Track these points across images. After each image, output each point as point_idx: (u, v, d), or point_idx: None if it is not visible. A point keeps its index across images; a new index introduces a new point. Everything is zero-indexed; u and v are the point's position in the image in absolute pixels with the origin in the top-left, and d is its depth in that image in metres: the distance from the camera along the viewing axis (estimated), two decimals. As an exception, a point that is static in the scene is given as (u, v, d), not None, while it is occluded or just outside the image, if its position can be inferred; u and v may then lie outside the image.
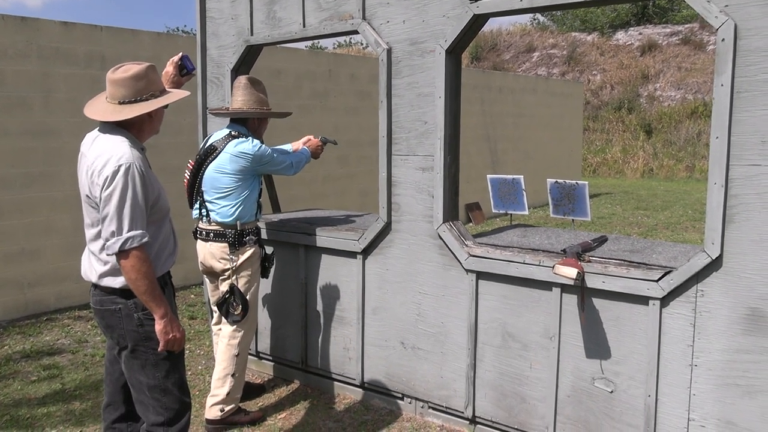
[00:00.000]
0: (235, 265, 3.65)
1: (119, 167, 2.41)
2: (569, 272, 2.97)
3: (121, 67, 2.54)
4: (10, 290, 5.78)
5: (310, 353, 4.25)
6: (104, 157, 2.44)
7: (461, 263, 3.48)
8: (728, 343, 2.74)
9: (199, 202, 3.71)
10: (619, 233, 9.87)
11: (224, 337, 3.76)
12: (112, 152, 2.44)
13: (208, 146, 3.70)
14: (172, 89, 2.77)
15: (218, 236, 3.65)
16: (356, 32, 3.79)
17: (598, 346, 3.10)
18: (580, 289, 3.05)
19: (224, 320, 3.77)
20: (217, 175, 3.62)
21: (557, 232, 3.84)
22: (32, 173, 5.86)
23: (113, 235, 2.40)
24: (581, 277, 2.99)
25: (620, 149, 20.91)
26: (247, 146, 3.60)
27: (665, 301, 2.87)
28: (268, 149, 3.68)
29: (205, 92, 4.54)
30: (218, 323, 3.99)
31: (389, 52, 3.63)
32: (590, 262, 3.10)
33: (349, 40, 30.71)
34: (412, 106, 3.58)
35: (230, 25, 4.34)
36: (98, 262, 2.55)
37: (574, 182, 8.12)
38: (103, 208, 2.43)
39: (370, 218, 4.42)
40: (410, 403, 3.85)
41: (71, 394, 4.24)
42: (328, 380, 4.21)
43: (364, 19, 3.71)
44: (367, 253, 3.87)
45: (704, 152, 19.19)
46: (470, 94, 11.21)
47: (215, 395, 3.69)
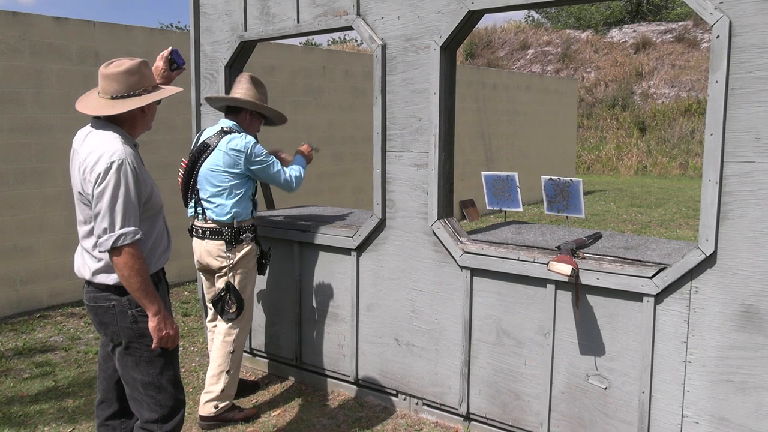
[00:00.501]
0: (231, 262, 3.64)
1: (111, 164, 2.39)
2: (564, 269, 2.98)
3: (113, 62, 2.53)
4: (2, 287, 5.74)
5: (304, 350, 4.24)
6: (96, 153, 2.42)
7: (456, 260, 3.47)
8: (722, 339, 2.75)
9: (194, 200, 3.69)
10: (613, 230, 9.88)
11: (219, 334, 3.75)
12: (104, 148, 2.42)
13: (201, 144, 3.68)
14: (163, 85, 2.76)
15: (215, 234, 3.63)
16: (351, 28, 3.78)
17: (592, 342, 3.10)
18: (574, 285, 3.06)
19: (219, 317, 3.77)
20: (211, 172, 3.60)
21: (551, 228, 3.84)
22: (24, 169, 5.83)
23: (105, 232, 2.39)
24: (576, 273, 2.99)
25: (614, 146, 20.97)
26: (239, 142, 3.58)
27: (659, 297, 2.88)
28: (263, 150, 3.66)
29: (198, 88, 4.52)
30: (213, 320, 3.98)
31: (384, 48, 3.62)
32: (585, 258, 3.11)
33: (343, 36, 30.70)
34: (406, 102, 3.58)
35: (224, 20, 4.32)
36: (91, 259, 2.54)
37: (568, 179, 8.14)
38: (95, 204, 2.41)
39: (364, 215, 4.41)
40: (405, 399, 3.85)
41: (64, 391, 4.23)
42: (322, 377, 4.21)
43: (358, 14, 3.70)
44: (361, 249, 3.86)
45: (698, 150, 19.27)
46: (465, 91, 11.21)
47: (209, 392, 3.69)
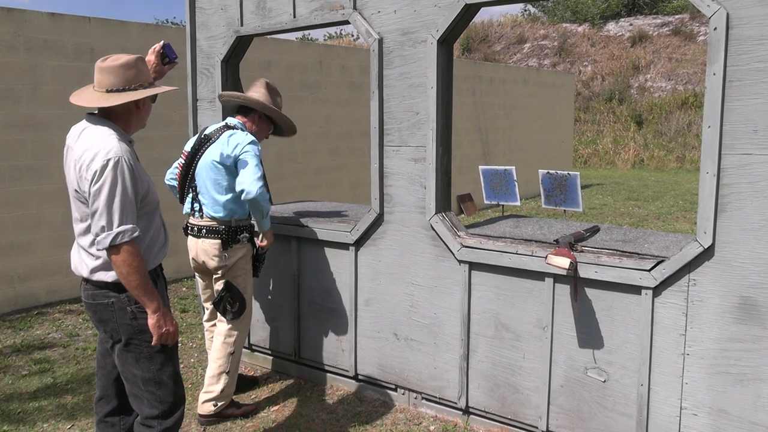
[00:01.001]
0: (228, 263, 3.58)
1: (108, 161, 2.38)
2: (562, 262, 2.98)
3: (110, 56, 2.53)
4: (0, 284, 5.74)
5: (303, 345, 4.24)
6: (92, 151, 2.41)
7: (454, 254, 3.47)
8: (720, 331, 2.75)
9: (191, 195, 3.62)
10: (610, 223, 9.90)
11: (219, 335, 3.70)
12: (100, 146, 2.41)
13: (203, 137, 3.61)
14: (155, 78, 2.77)
15: (211, 232, 3.54)
16: (347, 22, 3.76)
17: (590, 335, 3.11)
18: (572, 279, 3.06)
19: (219, 317, 3.73)
20: (211, 166, 3.51)
21: (549, 222, 3.85)
22: (20, 166, 5.81)
23: (103, 230, 2.38)
24: (574, 267, 3.00)
25: (611, 140, 20.97)
26: (239, 137, 3.49)
27: (657, 290, 2.88)
28: (258, 151, 3.49)
29: (195, 84, 4.50)
30: (210, 320, 3.95)
31: (380, 42, 3.61)
32: (583, 252, 3.11)
33: (339, 31, 30.61)
34: (403, 96, 3.57)
35: (220, 15, 4.30)
36: (89, 256, 2.53)
37: (565, 173, 8.15)
38: (92, 203, 2.40)
39: (362, 210, 4.40)
40: (403, 394, 3.86)
41: (63, 388, 4.22)
42: (321, 372, 4.21)
43: (355, 9, 3.69)
44: (359, 244, 3.86)
45: (694, 143, 19.28)
46: (461, 85, 11.19)
47: (209, 392, 3.65)
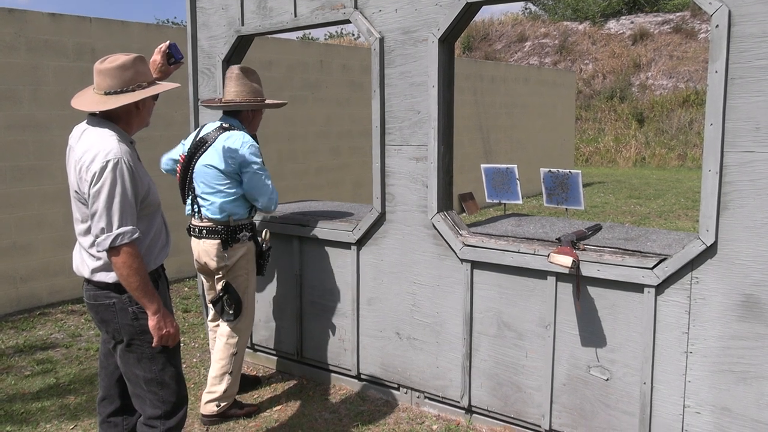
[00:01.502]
0: (229, 263, 3.58)
1: (107, 163, 2.37)
2: (564, 261, 2.98)
3: (108, 57, 2.51)
4: (2, 285, 5.74)
5: (305, 345, 4.24)
6: (92, 152, 2.40)
7: (456, 253, 3.47)
8: (723, 329, 2.75)
9: (191, 197, 3.61)
10: (612, 222, 9.89)
11: (222, 336, 3.70)
12: (99, 147, 2.40)
13: (198, 139, 3.59)
14: (160, 80, 2.74)
15: (210, 233, 3.54)
16: (348, 21, 3.75)
17: (593, 334, 3.10)
18: (575, 277, 3.05)
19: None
20: (206, 170, 3.51)
21: (551, 220, 3.84)
22: (22, 167, 5.81)
23: (103, 231, 2.38)
24: (576, 265, 2.99)
25: (612, 138, 20.95)
26: (236, 141, 3.47)
27: (660, 288, 2.88)
28: (259, 157, 3.50)
29: (196, 83, 4.50)
30: (214, 320, 3.95)
31: (382, 41, 3.60)
32: (585, 250, 3.10)
33: (340, 30, 30.60)
34: (405, 95, 3.56)
35: (221, 15, 4.30)
36: (90, 257, 2.53)
37: (567, 171, 8.15)
38: (92, 204, 2.40)
39: (364, 209, 4.40)
40: (406, 393, 3.86)
41: (66, 388, 4.23)
42: (324, 371, 4.21)
43: (356, 8, 3.68)
44: (361, 243, 3.85)
45: (696, 141, 19.25)
46: (462, 84, 11.18)
47: (212, 392, 3.65)
